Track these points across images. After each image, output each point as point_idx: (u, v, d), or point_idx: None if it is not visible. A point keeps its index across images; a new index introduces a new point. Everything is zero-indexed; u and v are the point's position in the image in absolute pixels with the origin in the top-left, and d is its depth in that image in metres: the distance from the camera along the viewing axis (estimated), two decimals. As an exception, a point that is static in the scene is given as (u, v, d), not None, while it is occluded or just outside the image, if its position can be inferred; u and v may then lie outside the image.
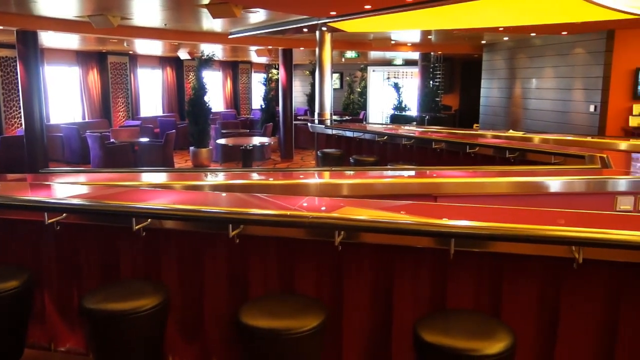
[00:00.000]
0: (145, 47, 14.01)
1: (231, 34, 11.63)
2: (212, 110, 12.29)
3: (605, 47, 9.47)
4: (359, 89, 19.92)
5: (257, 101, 18.45)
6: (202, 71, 11.70)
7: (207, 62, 11.72)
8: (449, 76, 17.47)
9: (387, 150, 7.43)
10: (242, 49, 15.01)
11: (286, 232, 2.71)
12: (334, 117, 10.46)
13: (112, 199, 2.96)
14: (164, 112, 17.35)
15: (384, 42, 12.49)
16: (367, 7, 7.34)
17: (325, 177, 4.13)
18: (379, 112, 20.61)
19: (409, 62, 18.99)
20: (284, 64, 13.30)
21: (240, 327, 2.29)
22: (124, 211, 2.79)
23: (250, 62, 20.90)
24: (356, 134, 8.07)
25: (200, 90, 11.59)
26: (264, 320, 2.29)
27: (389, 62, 19.83)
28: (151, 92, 17.26)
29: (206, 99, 11.65)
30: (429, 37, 12.40)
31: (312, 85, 14.75)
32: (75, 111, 14.60)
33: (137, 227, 2.78)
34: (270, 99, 15.24)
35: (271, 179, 3.88)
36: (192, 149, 11.82)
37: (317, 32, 9.32)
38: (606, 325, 2.43)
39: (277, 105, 14.11)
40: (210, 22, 9.80)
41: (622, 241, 2.17)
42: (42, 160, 9.71)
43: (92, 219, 3.02)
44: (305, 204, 2.79)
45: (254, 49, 14.18)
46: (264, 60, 18.72)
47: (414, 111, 16.85)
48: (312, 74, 13.81)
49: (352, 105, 19.36)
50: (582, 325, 2.46)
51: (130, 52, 15.32)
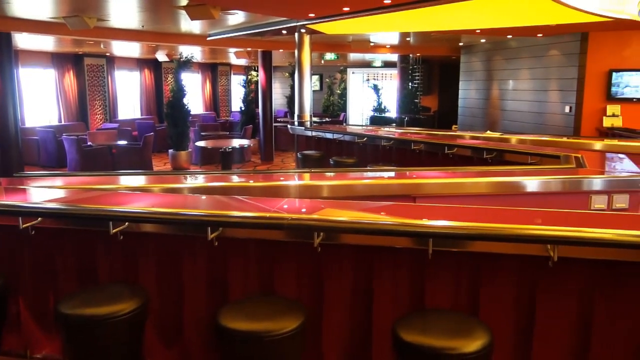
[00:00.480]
0: (122, 49, 13.86)
1: (210, 36, 11.58)
2: (191, 112, 12.24)
3: (579, 49, 9.65)
4: (338, 91, 19.97)
5: (237, 103, 18.39)
6: (181, 73, 11.62)
7: (186, 64, 11.64)
8: (427, 78, 17.61)
9: (367, 151, 7.46)
10: (221, 50, 14.95)
11: (265, 234, 2.71)
12: (314, 119, 10.46)
13: (88, 202, 2.93)
14: (142, 115, 17.18)
15: (363, 44, 12.55)
16: (346, 9, 7.37)
17: (305, 179, 4.12)
18: (358, 114, 20.70)
19: (388, 64, 19.12)
20: (263, 66, 13.29)
21: (219, 330, 2.27)
22: (101, 215, 2.75)
23: (229, 64, 20.81)
24: (336, 136, 8.09)
25: (178, 92, 11.51)
26: (243, 322, 2.28)
27: (368, 64, 19.93)
28: (129, 95, 17.08)
29: (185, 101, 11.58)
30: (408, 39, 12.49)
31: (292, 87, 14.75)
32: (51, 114, 14.38)
33: (114, 231, 2.75)
34: (249, 101, 15.21)
35: (251, 181, 3.86)
36: (171, 151, 11.72)
37: (296, 34, 9.31)
38: (581, 321, 2.48)
39: (257, 107, 14.08)
40: (188, 24, 9.73)
41: (596, 239, 2.22)
42: (17, 164, 9.54)
43: (68, 223, 2.98)
44: (285, 206, 2.79)
45: (233, 50, 14.14)
46: (243, 62, 18.66)
47: (393, 113, 16.96)
48: (292, 76, 13.80)
49: (332, 107, 19.41)
50: (558, 321, 2.51)
51: (107, 54, 15.14)
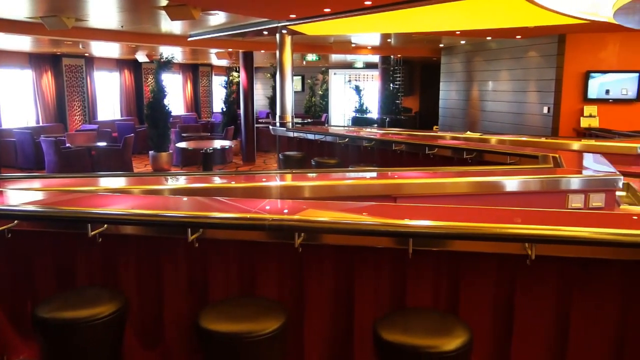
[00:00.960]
0: (101, 49, 13.69)
1: (190, 37, 11.50)
2: (172, 113, 12.13)
3: (557, 50, 9.79)
4: (320, 92, 20.00)
5: (218, 104, 18.29)
6: (161, 74, 11.53)
7: (166, 64, 11.56)
8: (408, 79, 17.73)
9: (348, 152, 7.48)
10: (202, 51, 14.86)
11: (246, 235, 2.70)
12: (296, 120, 10.47)
13: (66, 204, 2.88)
14: (122, 116, 16.98)
15: (345, 45, 12.58)
16: (327, 10, 7.38)
17: (287, 180, 4.11)
18: (340, 115, 20.75)
19: (369, 65, 19.19)
20: (244, 67, 13.24)
21: (199, 332, 2.26)
22: (79, 217, 2.71)
23: (210, 65, 20.70)
24: (318, 137, 8.10)
25: (159, 93, 11.42)
26: (223, 323, 2.27)
27: (349, 65, 19.99)
28: (109, 96, 16.87)
29: (166, 102, 11.50)
30: (389, 40, 12.55)
31: (274, 88, 14.73)
32: (28, 115, 14.12)
33: (93, 233, 2.72)
34: (231, 101, 15.15)
35: (233, 182, 3.84)
36: (151, 153, 11.62)
37: (278, 35, 9.30)
38: (559, 318, 2.52)
39: (239, 108, 14.02)
40: (169, 24, 9.66)
41: (572, 237, 2.25)
42: (-6, 166, 9.39)
43: (46, 225, 2.93)
44: (267, 207, 2.78)
45: (214, 51, 14.06)
46: (224, 63, 18.58)
47: (375, 113, 17.04)
48: (274, 76, 13.78)
49: (314, 107, 19.43)
50: (536, 319, 2.54)
51: (86, 55, 14.94)
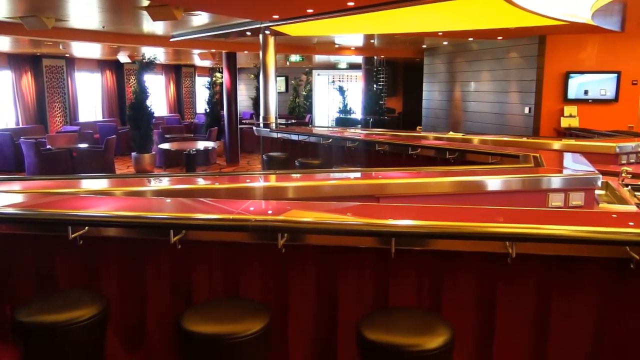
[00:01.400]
0: (82, 50, 13.54)
1: (173, 37, 11.42)
2: (155, 114, 12.05)
3: (537, 51, 9.92)
4: (304, 93, 20.00)
5: (202, 105, 18.21)
6: (144, 75, 11.44)
7: (149, 65, 11.47)
8: (392, 79, 17.80)
9: (332, 152, 7.49)
10: (184, 52, 14.77)
11: (229, 236, 2.69)
12: (280, 121, 10.44)
13: (46, 206, 2.84)
14: (104, 117, 16.81)
15: (328, 46, 12.61)
16: (310, 11, 7.39)
17: (271, 181, 4.11)
18: (324, 115, 20.77)
19: (353, 66, 19.24)
20: (228, 68, 13.19)
21: (183, 334, 2.25)
22: (59, 219, 2.68)
23: (193, 66, 20.58)
24: (302, 137, 8.10)
25: (141, 94, 11.33)
26: (207, 325, 2.26)
27: (333, 66, 20.02)
28: (90, 97, 16.68)
29: (148, 103, 11.41)
30: (372, 41, 12.60)
31: (257, 88, 14.69)
32: (8, 117, 13.92)
33: (73, 236, 2.69)
34: (214, 102, 15.09)
35: (216, 184, 3.83)
36: (134, 154, 11.52)
37: (261, 36, 9.29)
38: (539, 316, 2.55)
39: (222, 109, 13.97)
40: (151, 25, 9.59)
41: (552, 235, 2.28)
42: (-28, 168, 9.24)
43: (26, 228, 2.90)
44: (250, 208, 2.77)
45: (197, 52, 13.99)
46: (207, 63, 18.48)
47: (358, 114, 17.08)
48: (257, 77, 13.75)
49: (298, 108, 19.43)
50: (518, 316, 2.57)
51: (66, 55, 14.77)
